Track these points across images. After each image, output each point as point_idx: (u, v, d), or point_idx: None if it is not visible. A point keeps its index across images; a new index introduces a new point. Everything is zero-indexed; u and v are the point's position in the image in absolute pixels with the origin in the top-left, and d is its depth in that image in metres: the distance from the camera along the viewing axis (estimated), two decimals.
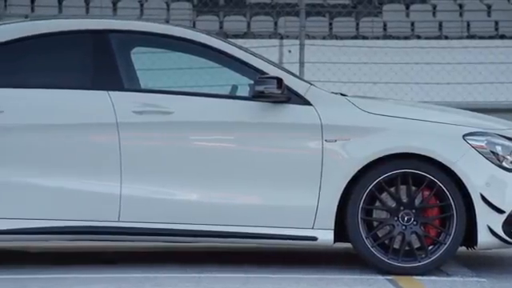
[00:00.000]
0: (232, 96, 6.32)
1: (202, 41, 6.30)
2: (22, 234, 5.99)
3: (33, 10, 16.13)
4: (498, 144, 6.11)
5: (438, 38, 15.39)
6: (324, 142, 6.09)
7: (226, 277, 5.99)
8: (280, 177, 6.09)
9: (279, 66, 6.79)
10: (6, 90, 6.07)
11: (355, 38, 15.50)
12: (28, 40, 6.18)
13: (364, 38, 15.52)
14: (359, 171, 6.05)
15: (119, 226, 6.02)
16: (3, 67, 6.15)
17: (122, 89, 6.13)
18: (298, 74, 10.48)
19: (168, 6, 16.52)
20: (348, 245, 6.23)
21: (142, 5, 16.48)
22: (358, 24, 15.95)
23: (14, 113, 6.00)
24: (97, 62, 6.18)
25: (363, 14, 16.02)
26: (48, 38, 6.21)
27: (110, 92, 6.11)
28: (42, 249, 7.05)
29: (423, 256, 6.08)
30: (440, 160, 6.04)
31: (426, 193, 6.08)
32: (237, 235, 6.07)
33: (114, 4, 16.42)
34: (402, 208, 6.10)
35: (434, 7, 16.06)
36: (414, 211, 6.08)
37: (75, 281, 5.82)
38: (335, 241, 6.09)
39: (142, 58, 6.56)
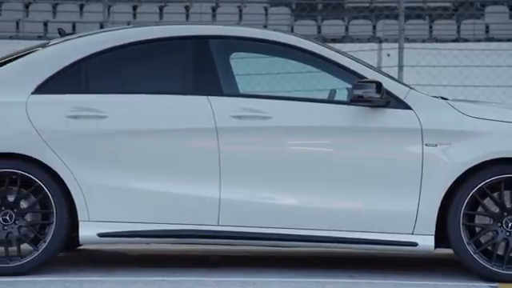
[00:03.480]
0: (330, 100, 6.30)
1: (301, 45, 6.30)
2: (124, 237, 6.09)
3: (135, 16, 16.44)
4: None
5: None
6: (424, 146, 6.01)
7: (329, 282, 5.97)
8: (378, 181, 6.03)
9: (378, 69, 6.73)
10: (109, 95, 6.19)
11: (456, 40, 15.26)
12: (131, 46, 6.29)
13: (465, 40, 15.25)
14: (461, 176, 5.94)
15: (219, 229, 6.06)
16: (107, 73, 6.27)
17: (221, 94, 6.18)
18: (396, 77, 10.37)
19: (266, 10, 16.59)
20: (449, 251, 6.13)
21: (240, 10, 16.60)
22: (459, 26, 15.70)
23: (117, 118, 6.11)
24: (197, 67, 6.24)
25: (464, 16, 15.75)
26: (150, 44, 6.31)
27: (209, 97, 6.16)
28: (142, 251, 7.17)
29: None
30: None
31: None
32: (335, 240, 6.04)
33: (214, 10, 16.59)
34: (505, 214, 5.97)
35: None
36: None
37: (176, 284, 5.88)
38: (436, 246, 6.00)
39: (240, 63, 6.60)
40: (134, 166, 6.07)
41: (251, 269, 6.42)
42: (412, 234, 5.99)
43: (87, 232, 6.04)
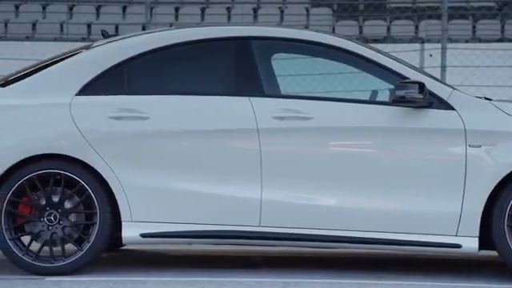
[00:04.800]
0: (372, 101, 6.27)
1: (342, 46, 6.28)
2: (166, 238, 6.13)
3: (177, 18, 16.52)
4: None
5: None
6: (468, 147, 5.96)
7: (372, 283, 5.94)
8: (421, 182, 5.99)
9: (421, 70, 6.69)
10: (152, 96, 6.22)
11: (500, 40, 15.11)
12: (173, 48, 6.32)
13: (510, 40, 15.09)
14: (505, 177, 5.88)
15: (260, 230, 6.06)
16: (149, 74, 6.31)
17: (262, 95, 6.19)
18: (439, 78, 10.29)
19: (307, 11, 16.57)
20: (493, 253, 6.07)
21: (282, 11, 16.60)
22: (503, 26, 15.53)
23: (159, 119, 6.15)
24: (238, 68, 6.25)
25: (509, 15, 15.59)
26: (192, 45, 6.33)
27: (251, 98, 6.17)
28: (184, 252, 7.20)
29: None
30: None
31: None
32: (377, 241, 6.01)
33: (255, 11, 16.61)
34: None
35: None
36: None
37: (218, 284, 5.89)
38: (480, 248, 5.94)
39: (281, 64, 6.60)
40: (175, 167, 6.10)
41: (292, 270, 6.41)
42: (456, 235, 5.94)
43: (130, 232, 6.08)
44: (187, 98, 6.21)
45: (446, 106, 6.07)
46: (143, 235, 6.08)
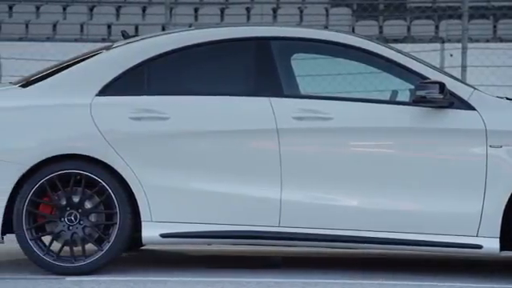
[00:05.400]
0: (392, 101, 6.25)
1: (362, 46, 6.26)
2: (185, 238, 6.14)
3: (196, 18, 16.55)
4: None
5: None
6: (488, 147, 5.93)
7: (392, 284, 5.92)
8: (441, 183, 5.97)
9: (441, 70, 6.67)
10: (171, 97, 6.23)
11: None
12: (192, 48, 6.33)
13: None
14: None
15: (279, 230, 6.06)
16: (169, 75, 6.32)
17: (282, 95, 6.18)
18: (460, 78, 10.25)
19: (327, 11, 16.55)
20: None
21: (301, 11, 16.59)
22: None
23: (179, 119, 6.16)
24: (258, 68, 6.25)
25: None
26: (211, 45, 6.34)
27: (270, 98, 6.16)
28: (203, 252, 7.20)
29: None
30: None
31: None
32: (397, 242, 5.99)
33: (274, 11, 16.61)
34: None
35: None
36: None
37: (238, 285, 5.90)
38: (501, 249, 5.92)
39: (301, 64, 6.59)
40: (195, 167, 6.10)
41: (312, 270, 6.41)
42: (476, 236, 5.91)
43: (150, 232, 6.10)
44: (207, 98, 6.22)
45: (466, 106, 6.05)
46: (163, 235, 6.09)
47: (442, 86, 5.98)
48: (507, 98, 6.37)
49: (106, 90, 6.24)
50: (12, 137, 6.15)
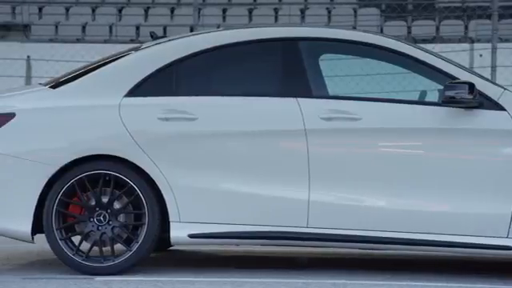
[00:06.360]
0: (421, 102, 6.23)
1: (391, 46, 6.25)
2: (213, 238, 6.15)
3: (224, 19, 16.58)
4: None
5: None
6: None
7: (421, 285, 5.90)
8: (471, 184, 5.94)
9: (470, 70, 6.63)
10: (199, 98, 6.25)
11: None
12: (221, 49, 6.34)
13: None
14: None
15: (308, 231, 6.05)
16: (197, 76, 6.34)
17: (310, 96, 6.18)
18: (489, 78, 10.18)
19: (355, 11, 16.51)
20: None
21: (329, 11, 16.57)
22: None
23: (207, 120, 6.17)
24: (286, 69, 6.26)
25: None
26: (240, 46, 6.35)
27: (298, 99, 6.16)
28: (231, 253, 7.21)
29: None
30: None
31: None
32: (426, 243, 5.97)
33: (302, 11, 16.60)
34: None
35: None
36: None
37: (266, 285, 5.90)
38: None
39: (329, 65, 6.58)
40: (223, 168, 6.11)
41: (340, 271, 6.39)
42: (506, 237, 5.87)
43: (178, 233, 6.11)
44: (235, 98, 6.22)
45: (496, 106, 6.01)
46: (191, 236, 6.10)
47: (471, 86, 5.94)
48: None
49: (134, 91, 6.27)
50: (41, 138, 6.20)
